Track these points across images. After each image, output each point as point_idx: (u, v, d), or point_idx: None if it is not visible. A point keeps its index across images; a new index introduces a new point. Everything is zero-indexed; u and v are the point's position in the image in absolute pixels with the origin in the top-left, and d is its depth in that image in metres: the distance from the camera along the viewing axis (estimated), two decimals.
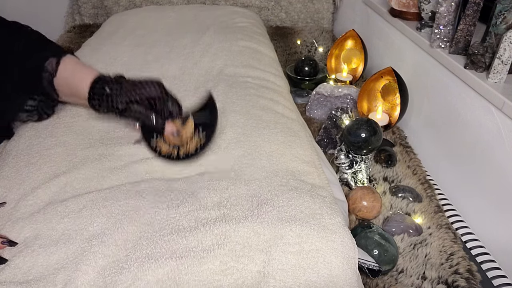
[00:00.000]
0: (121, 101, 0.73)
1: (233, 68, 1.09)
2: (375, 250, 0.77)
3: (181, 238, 0.60)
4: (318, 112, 1.28)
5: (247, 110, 0.90)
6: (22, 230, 0.62)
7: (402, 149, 1.12)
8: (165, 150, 0.76)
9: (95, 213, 0.64)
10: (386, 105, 1.19)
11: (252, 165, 0.75)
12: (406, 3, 1.24)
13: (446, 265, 0.79)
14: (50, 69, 0.78)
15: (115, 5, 1.86)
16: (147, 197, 0.67)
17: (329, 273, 0.58)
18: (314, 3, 1.88)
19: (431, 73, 1.12)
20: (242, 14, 1.53)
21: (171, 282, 0.55)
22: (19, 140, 0.81)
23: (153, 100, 0.74)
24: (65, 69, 0.78)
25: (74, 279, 0.55)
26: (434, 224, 0.89)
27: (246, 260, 0.58)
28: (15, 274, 0.57)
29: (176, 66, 1.09)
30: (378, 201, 0.90)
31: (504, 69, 0.87)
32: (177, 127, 0.75)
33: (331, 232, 0.62)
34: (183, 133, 0.75)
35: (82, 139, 0.81)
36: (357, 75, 1.38)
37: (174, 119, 0.76)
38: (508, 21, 0.88)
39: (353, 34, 1.36)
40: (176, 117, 0.76)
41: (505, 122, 0.85)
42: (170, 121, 0.75)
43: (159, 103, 0.74)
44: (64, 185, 0.70)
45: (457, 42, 1.00)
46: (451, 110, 1.03)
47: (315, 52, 1.70)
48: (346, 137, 0.95)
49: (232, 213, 0.64)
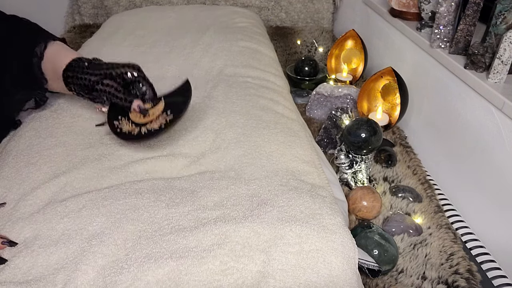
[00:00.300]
0: (94, 74, 0.73)
1: (233, 68, 1.09)
2: (375, 250, 0.77)
3: (181, 238, 0.60)
4: (318, 112, 1.28)
5: (247, 110, 0.90)
6: (22, 230, 0.62)
7: (402, 149, 1.12)
8: (124, 129, 0.73)
9: (94, 212, 0.64)
10: (386, 105, 1.19)
11: (252, 164, 0.75)
12: (406, 3, 1.24)
13: (446, 265, 0.79)
14: (38, 54, 0.77)
15: (115, 5, 1.86)
16: (146, 195, 0.67)
17: (329, 273, 0.58)
18: (314, 3, 1.88)
19: (431, 73, 1.12)
20: (242, 14, 1.53)
21: (171, 282, 0.55)
22: (19, 140, 0.81)
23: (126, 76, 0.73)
24: (51, 53, 0.78)
25: (74, 279, 0.55)
26: (434, 224, 0.88)
27: (246, 260, 0.58)
28: (15, 274, 0.57)
29: (176, 66, 1.09)
30: (378, 201, 0.90)
31: (504, 69, 0.87)
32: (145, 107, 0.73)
33: (331, 232, 0.62)
34: (150, 113, 0.73)
35: (82, 139, 0.81)
36: (357, 75, 1.38)
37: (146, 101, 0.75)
38: (508, 21, 0.88)
39: (353, 34, 1.36)
40: (148, 100, 0.75)
41: (505, 122, 0.85)
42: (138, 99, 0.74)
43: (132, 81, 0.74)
44: (64, 185, 0.70)
45: (457, 42, 1.00)
46: (451, 110, 1.03)
47: (315, 52, 1.70)
48: (346, 137, 0.95)
49: (232, 213, 0.64)
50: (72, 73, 0.74)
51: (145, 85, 0.76)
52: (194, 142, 0.81)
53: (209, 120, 0.86)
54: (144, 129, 0.72)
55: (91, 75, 0.73)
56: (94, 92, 0.74)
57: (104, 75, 0.73)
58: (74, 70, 0.74)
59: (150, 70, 1.07)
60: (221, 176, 0.72)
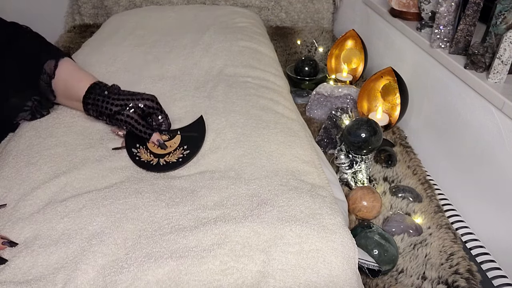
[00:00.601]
0: (115, 104, 0.76)
1: (233, 68, 1.09)
2: (375, 250, 0.77)
3: (181, 238, 0.60)
4: (318, 112, 1.28)
5: (247, 110, 0.90)
6: (22, 230, 0.62)
7: (402, 149, 1.12)
8: (143, 159, 0.75)
9: (94, 212, 0.64)
10: (386, 105, 1.19)
11: (252, 164, 0.75)
12: (406, 3, 1.24)
13: (446, 265, 0.79)
14: (48, 71, 0.80)
15: (115, 5, 1.86)
16: (146, 195, 0.67)
17: (329, 273, 0.58)
18: (314, 3, 1.88)
19: (431, 73, 1.12)
20: (242, 14, 1.53)
21: (171, 282, 0.55)
22: (19, 140, 0.81)
23: (146, 108, 0.76)
24: (63, 71, 0.81)
25: (74, 278, 0.55)
26: (434, 224, 0.89)
27: (246, 260, 0.58)
28: (15, 274, 0.57)
29: (176, 66, 1.09)
30: (378, 201, 0.90)
31: (504, 69, 0.87)
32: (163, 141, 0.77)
33: (331, 232, 0.62)
34: (168, 145, 0.77)
35: (82, 139, 0.81)
36: (357, 75, 1.38)
37: (162, 133, 0.79)
38: (508, 21, 0.88)
39: (353, 34, 1.36)
40: (165, 130, 0.80)
41: (505, 122, 0.85)
42: (157, 132, 0.77)
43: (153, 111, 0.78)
44: (64, 185, 0.70)
45: (457, 42, 1.00)
46: (451, 110, 1.03)
47: (315, 52, 1.70)
48: (346, 137, 0.95)
49: (232, 213, 0.64)
50: (92, 100, 0.77)
51: (162, 117, 0.79)
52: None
53: (209, 120, 0.86)
54: (162, 161, 0.75)
55: (112, 105, 0.76)
56: (113, 120, 0.77)
57: (125, 106, 0.75)
58: (95, 98, 0.77)
59: (150, 70, 1.07)
60: (221, 176, 0.72)
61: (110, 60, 1.11)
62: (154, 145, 0.77)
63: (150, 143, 0.77)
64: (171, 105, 0.91)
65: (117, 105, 0.75)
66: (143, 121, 0.76)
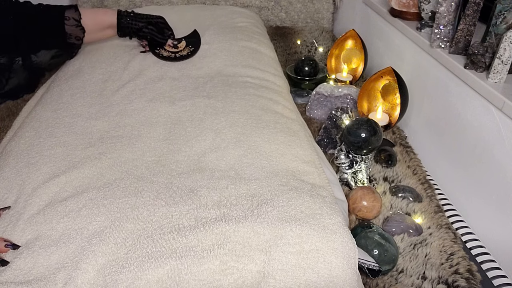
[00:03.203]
0: (140, 21, 1.12)
1: (232, 68, 1.09)
2: (375, 250, 0.77)
3: (181, 237, 0.60)
4: (318, 112, 1.28)
5: (247, 110, 0.90)
6: (23, 232, 0.62)
7: (402, 149, 1.12)
8: (165, 55, 1.12)
9: (94, 211, 0.64)
10: (386, 105, 1.19)
11: (252, 164, 0.75)
12: (406, 3, 1.24)
13: (446, 265, 0.79)
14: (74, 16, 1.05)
15: (115, 5, 1.86)
16: (146, 194, 0.67)
17: (329, 273, 0.58)
18: (314, 3, 1.88)
19: (431, 73, 1.12)
20: (242, 14, 1.53)
21: (171, 281, 0.55)
22: (19, 140, 0.81)
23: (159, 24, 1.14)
24: (85, 12, 1.07)
25: (74, 278, 0.55)
26: (434, 224, 0.88)
27: (246, 260, 0.58)
28: (16, 275, 0.57)
29: (176, 67, 1.10)
30: (378, 201, 0.90)
31: (504, 69, 0.87)
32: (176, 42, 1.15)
33: (331, 232, 0.62)
34: (179, 46, 1.15)
35: (82, 139, 0.81)
36: (357, 75, 1.38)
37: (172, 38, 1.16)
38: (508, 21, 0.88)
39: (353, 34, 1.36)
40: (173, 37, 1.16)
41: (505, 122, 0.85)
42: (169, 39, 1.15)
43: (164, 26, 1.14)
44: (64, 185, 0.70)
45: (457, 42, 1.00)
46: (451, 110, 1.03)
47: (315, 52, 1.70)
48: (346, 137, 0.95)
49: (232, 213, 0.64)
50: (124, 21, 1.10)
51: (170, 29, 1.16)
52: (193, 141, 0.81)
53: (208, 119, 0.86)
54: (177, 55, 1.12)
55: (138, 21, 1.11)
56: (140, 33, 1.13)
57: (147, 22, 1.12)
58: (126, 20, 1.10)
59: (150, 70, 1.07)
60: (221, 176, 0.72)
61: (110, 60, 1.11)
62: (170, 46, 1.14)
63: (167, 46, 1.14)
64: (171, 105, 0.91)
65: (142, 21, 1.11)
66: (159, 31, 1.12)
